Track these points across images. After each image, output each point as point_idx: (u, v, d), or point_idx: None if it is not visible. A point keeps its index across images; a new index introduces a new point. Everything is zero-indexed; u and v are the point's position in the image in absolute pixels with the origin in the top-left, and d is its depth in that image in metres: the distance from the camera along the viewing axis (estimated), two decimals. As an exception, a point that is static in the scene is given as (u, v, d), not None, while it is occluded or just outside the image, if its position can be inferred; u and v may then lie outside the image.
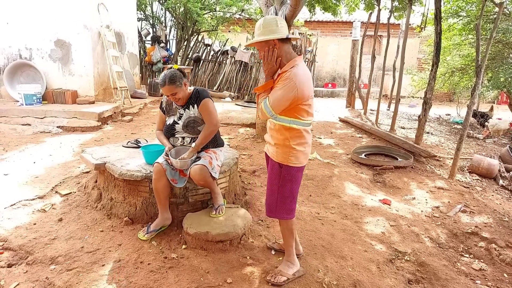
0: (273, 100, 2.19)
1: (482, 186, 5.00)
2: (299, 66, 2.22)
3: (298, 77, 2.16)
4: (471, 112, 4.56)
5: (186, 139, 3.07)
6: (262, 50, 2.27)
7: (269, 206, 2.49)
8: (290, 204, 2.46)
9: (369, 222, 3.62)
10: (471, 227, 3.68)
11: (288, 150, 2.34)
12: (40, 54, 7.40)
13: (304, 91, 2.19)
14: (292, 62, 2.24)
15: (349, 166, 5.13)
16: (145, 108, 8.47)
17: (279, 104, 2.19)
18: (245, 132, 6.26)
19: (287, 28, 2.27)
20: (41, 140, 5.53)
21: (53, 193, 3.60)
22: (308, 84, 2.23)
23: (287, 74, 2.19)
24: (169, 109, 3.10)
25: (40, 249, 2.67)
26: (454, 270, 3.05)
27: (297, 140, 2.33)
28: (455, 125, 9.46)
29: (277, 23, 2.23)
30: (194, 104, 3.01)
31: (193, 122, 3.01)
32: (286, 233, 2.55)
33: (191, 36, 12.28)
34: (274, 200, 2.44)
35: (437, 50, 5.37)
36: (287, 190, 2.42)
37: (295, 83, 2.14)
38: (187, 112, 3.02)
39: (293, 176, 2.40)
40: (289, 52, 2.28)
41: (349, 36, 15.84)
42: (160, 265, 2.59)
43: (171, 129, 3.06)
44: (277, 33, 2.21)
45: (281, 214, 2.47)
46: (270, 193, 2.46)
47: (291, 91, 2.15)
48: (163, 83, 2.84)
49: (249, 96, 11.14)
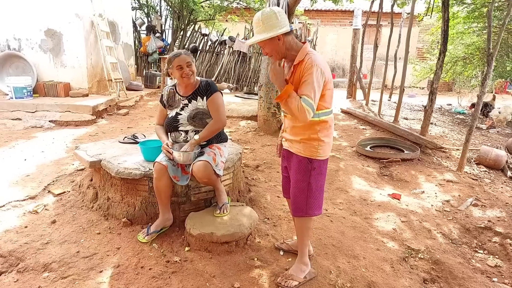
0: (308, 94, 2.01)
1: (490, 178, 4.86)
2: (311, 52, 2.11)
3: (318, 61, 2.06)
4: (481, 102, 4.40)
5: (190, 134, 2.85)
6: (266, 47, 2.13)
7: (298, 205, 2.33)
8: (320, 199, 2.36)
9: (379, 218, 3.47)
10: (484, 221, 3.54)
11: (316, 144, 2.23)
12: (29, 45, 7.13)
13: (328, 73, 2.13)
14: (303, 50, 2.13)
15: (355, 159, 4.96)
16: (141, 100, 8.24)
17: (316, 95, 2.03)
18: (246, 125, 6.07)
19: (287, 19, 2.12)
20: (33, 136, 5.30)
21: (46, 192, 3.39)
22: (325, 64, 2.14)
23: (306, 63, 2.05)
24: (171, 101, 2.90)
25: (32, 255, 2.48)
26: (470, 268, 2.92)
27: (325, 132, 2.24)
28: (457, 115, 9.32)
29: (277, 16, 2.07)
30: (204, 96, 2.83)
31: (202, 114, 2.83)
32: (303, 231, 2.41)
33: (187, 26, 11.98)
34: (304, 198, 2.30)
35: (444, 38, 5.18)
36: (318, 184, 2.31)
37: (319, 68, 2.04)
38: (194, 104, 2.83)
39: (322, 169, 2.31)
40: (294, 42, 2.17)
41: (348, 25, 15.62)
42: (162, 270, 2.42)
43: (173, 121, 2.85)
44: (279, 27, 2.06)
45: (311, 211, 2.33)
46: (299, 191, 2.30)
47: (321, 77, 2.05)
48: (178, 53, 2.74)
49: (248, 87, 10.92)
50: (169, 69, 2.78)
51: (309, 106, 1.99)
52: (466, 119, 8.79)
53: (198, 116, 2.82)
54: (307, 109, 1.99)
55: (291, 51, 2.15)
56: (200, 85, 2.86)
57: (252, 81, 11.07)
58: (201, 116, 2.82)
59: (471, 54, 7.95)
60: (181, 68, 2.72)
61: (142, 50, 11.19)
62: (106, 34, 7.70)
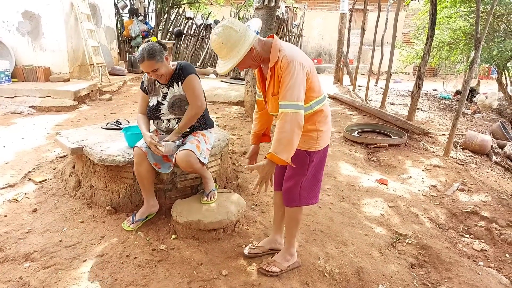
0: (290, 98, 1.84)
1: (476, 163, 4.92)
2: (283, 47, 1.94)
3: (293, 55, 1.90)
4: (468, 87, 4.41)
5: (172, 121, 2.74)
6: (241, 65, 1.96)
7: (292, 197, 2.21)
8: (315, 188, 2.24)
9: (367, 203, 3.47)
10: (470, 206, 3.58)
11: (315, 135, 2.08)
12: (6, 27, 6.82)
13: (308, 62, 1.96)
14: (274, 49, 1.94)
15: (342, 145, 4.95)
16: (124, 85, 8.03)
17: (299, 93, 1.86)
18: (233, 111, 5.98)
19: (243, 26, 1.91)
20: (12, 122, 5.11)
21: (26, 180, 3.27)
22: (302, 55, 1.99)
23: (282, 63, 1.89)
24: (151, 88, 2.75)
25: (12, 245, 2.39)
26: (456, 252, 2.96)
27: (324, 121, 2.10)
28: (443, 100, 9.39)
29: (235, 29, 1.86)
30: (178, 81, 2.66)
31: (179, 101, 2.68)
32: (293, 221, 2.33)
33: (171, 9, 11.67)
34: (297, 190, 2.17)
35: (432, 22, 5.15)
36: (316, 175, 2.20)
37: (296, 61, 1.88)
38: (171, 91, 2.68)
39: (322, 158, 2.19)
40: (263, 43, 1.98)
41: (335, 10, 15.48)
42: (148, 258, 2.37)
43: (155, 110, 2.73)
44: (242, 41, 1.87)
45: (305, 201, 2.22)
46: (293, 184, 2.17)
47: (301, 70, 1.88)
48: (141, 59, 2.48)
49: (234, 72, 10.77)
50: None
51: (296, 109, 1.84)
52: (451, 105, 8.87)
53: (176, 104, 2.68)
54: (296, 112, 1.83)
55: (263, 55, 1.99)
56: (176, 70, 2.68)
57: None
58: (179, 103, 2.68)
59: (457, 39, 7.96)
60: (148, 73, 2.57)
61: (125, 34, 10.87)
62: (86, 16, 7.43)
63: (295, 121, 1.83)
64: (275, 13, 5.03)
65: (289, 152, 1.86)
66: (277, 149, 1.85)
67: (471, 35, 7.57)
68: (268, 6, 4.86)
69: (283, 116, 1.84)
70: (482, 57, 7.12)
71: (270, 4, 4.83)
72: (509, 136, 5.80)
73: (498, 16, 7.12)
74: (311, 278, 2.35)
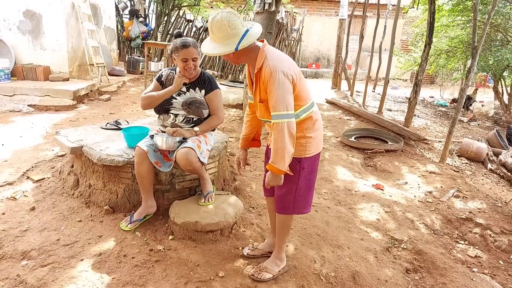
0: (279, 108, 1.86)
1: (471, 170, 4.96)
2: (269, 54, 1.94)
3: (276, 64, 1.89)
4: (465, 95, 4.46)
5: (178, 117, 2.80)
6: (225, 57, 2.00)
7: (285, 205, 2.20)
8: (309, 197, 2.24)
9: (364, 208, 3.50)
10: (465, 212, 3.61)
11: (304, 141, 2.08)
12: (7, 26, 6.83)
13: (293, 69, 1.95)
14: (260, 55, 1.95)
15: (339, 150, 4.98)
16: (123, 86, 8.05)
17: (287, 102, 1.88)
18: (231, 113, 6.01)
19: (241, 28, 1.89)
20: (10, 120, 5.11)
21: (24, 178, 3.28)
22: (288, 62, 1.98)
23: (265, 72, 1.90)
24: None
25: (10, 242, 2.40)
26: (451, 258, 2.98)
27: (312, 128, 2.10)
28: (440, 107, 9.46)
29: (228, 27, 1.86)
30: (202, 89, 2.80)
31: (199, 103, 2.78)
32: (284, 228, 2.33)
33: (171, 11, 11.71)
34: (291, 198, 2.17)
35: (430, 30, 5.21)
36: (308, 183, 2.18)
37: (279, 71, 1.87)
38: (192, 93, 2.78)
39: (313, 166, 2.18)
40: (250, 48, 1.95)
41: (334, 15, 15.56)
42: (145, 258, 2.38)
43: (166, 103, 2.77)
44: (230, 40, 1.87)
45: (298, 209, 2.22)
46: (286, 192, 2.16)
47: (285, 79, 1.88)
48: (187, 45, 2.59)
49: (233, 75, 10.81)
50: (173, 55, 2.67)
51: (286, 118, 1.87)
52: (448, 112, 8.94)
53: (195, 104, 2.77)
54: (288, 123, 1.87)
55: (249, 58, 1.99)
56: (201, 77, 2.81)
57: (237, 69, 10.96)
58: (198, 105, 2.78)
59: (454, 48, 8.04)
60: (186, 61, 2.63)
61: (125, 35, 10.89)
62: (87, 16, 7.45)
63: (288, 130, 1.88)
64: (275, 17, 5.07)
65: (286, 161, 1.91)
66: (274, 159, 1.91)
67: (468, 44, 7.65)
68: (268, 11, 4.89)
69: (276, 127, 1.89)
70: (479, 66, 7.20)
71: (270, 9, 4.87)
72: (504, 144, 5.86)
73: (495, 25, 7.21)
74: (307, 281, 2.36)
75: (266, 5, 4.84)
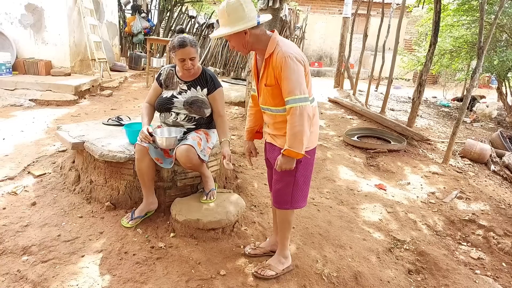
0: (295, 91, 1.90)
1: (474, 171, 4.94)
2: (280, 41, 2.00)
3: (289, 50, 1.94)
4: (470, 95, 4.43)
5: (180, 116, 2.76)
6: (232, 41, 2.01)
7: (283, 199, 2.22)
8: (305, 191, 2.26)
9: (366, 208, 3.48)
10: (468, 214, 3.59)
11: None
12: (9, 19, 6.79)
13: (303, 58, 2.01)
14: (272, 42, 2.00)
15: (342, 149, 4.95)
16: (125, 82, 8.02)
17: (302, 86, 1.92)
18: (233, 111, 5.98)
19: (255, 10, 1.97)
20: (11, 114, 5.09)
21: (25, 173, 3.25)
22: (299, 51, 2.03)
23: (277, 57, 1.94)
24: (169, 82, 2.77)
25: (10, 238, 2.38)
26: (453, 260, 2.96)
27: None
28: (443, 108, 9.43)
29: (244, 8, 1.92)
30: (204, 88, 2.74)
31: (201, 103, 2.73)
32: (285, 224, 2.32)
33: (174, 7, 11.66)
34: (289, 191, 2.19)
35: (435, 29, 5.17)
36: (304, 177, 2.20)
37: (292, 57, 1.92)
38: (193, 91, 2.73)
39: (310, 160, 2.20)
40: (263, 33, 2.02)
41: (337, 14, 15.50)
42: (146, 255, 2.36)
43: (168, 102, 2.74)
44: (245, 19, 1.92)
45: (296, 203, 2.24)
46: (284, 185, 2.18)
47: (298, 65, 1.93)
48: (184, 44, 2.53)
49: (236, 72, 10.77)
50: (171, 53, 2.64)
51: (302, 102, 1.90)
52: (451, 112, 8.91)
53: (196, 103, 2.72)
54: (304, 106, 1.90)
55: (259, 45, 2.03)
56: (203, 75, 2.76)
57: (239, 66, 10.91)
58: (200, 104, 2.73)
59: (459, 48, 7.99)
60: (183, 60, 2.59)
61: (127, 30, 10.85)
62: (90, 11, 7.41)
63: (305, 114, 1.91)
64: (279, 14, 5.04)
65: (304, 144, 1.94)
66: (292, 143, 1.93)
67: (473, 44, 7.60)
68: (272, 8, 4.86)
69: (293, 111, 1.91)
70: (483, 66, 7.15)
71: (274, 6, 4.84)
72: (508, 146, 5.83)
73: (500, 26, 7.15)
74: (308, 281, 2.35)
75: (270, 2, 4.81)
